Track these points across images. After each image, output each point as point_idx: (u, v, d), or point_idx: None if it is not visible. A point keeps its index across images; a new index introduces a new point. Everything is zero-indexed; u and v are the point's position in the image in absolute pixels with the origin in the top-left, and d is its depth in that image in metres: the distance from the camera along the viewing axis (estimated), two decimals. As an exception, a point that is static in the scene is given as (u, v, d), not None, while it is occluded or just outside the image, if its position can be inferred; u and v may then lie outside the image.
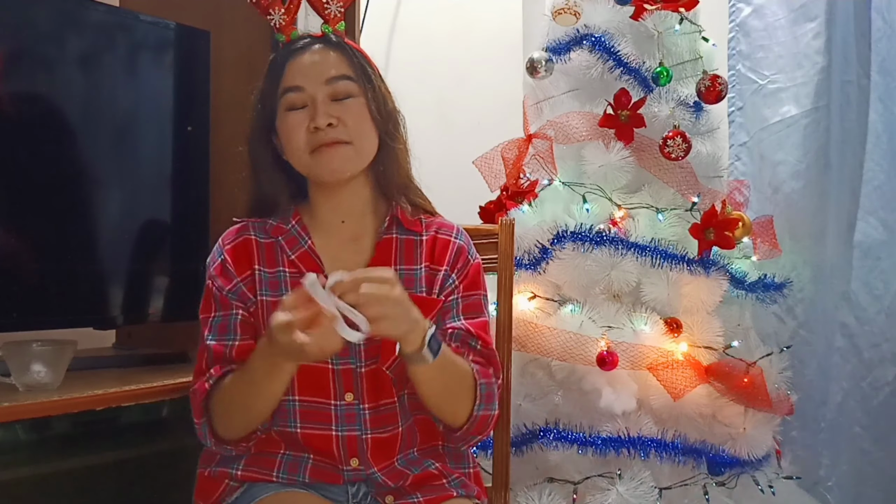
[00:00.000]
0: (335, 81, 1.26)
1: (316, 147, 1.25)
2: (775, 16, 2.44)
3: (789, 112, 2.40)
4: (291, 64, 1.27)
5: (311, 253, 1.29)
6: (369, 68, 1.31)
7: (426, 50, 2.61)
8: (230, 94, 1.76)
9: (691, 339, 1.87)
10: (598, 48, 1.99)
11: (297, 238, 1.30)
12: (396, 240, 1.32)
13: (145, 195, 1.74)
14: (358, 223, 1.32)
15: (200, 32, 1.80)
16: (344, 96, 1.26)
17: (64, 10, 1.58)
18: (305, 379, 1.24)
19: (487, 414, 1.26)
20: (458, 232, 1.36)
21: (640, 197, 1.96)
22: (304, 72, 1.26)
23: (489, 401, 1.25)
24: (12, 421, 1.38)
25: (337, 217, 1.32)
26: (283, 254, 1.29)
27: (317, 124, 1.23)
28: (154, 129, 1.75)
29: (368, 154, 1.29)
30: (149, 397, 1.45)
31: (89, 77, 1.64)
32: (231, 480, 1.27)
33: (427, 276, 1.31)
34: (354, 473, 1.27)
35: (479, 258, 1.37)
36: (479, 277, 1.35)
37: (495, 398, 1.27)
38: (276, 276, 1.28)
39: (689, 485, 1.82)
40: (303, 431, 1.25)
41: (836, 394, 2.25)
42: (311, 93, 1.25)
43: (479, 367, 1.26)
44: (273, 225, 1.32)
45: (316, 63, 1.27)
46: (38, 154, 1.54)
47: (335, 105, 1.25)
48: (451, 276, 1.31)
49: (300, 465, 1.26)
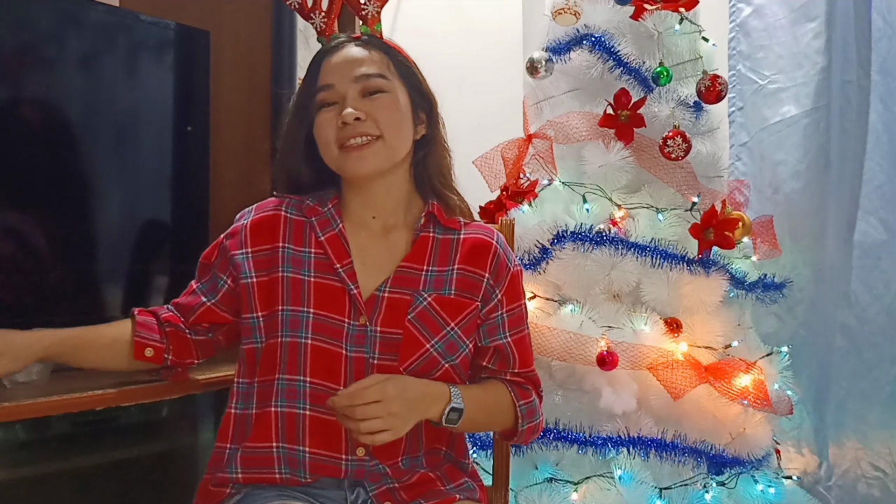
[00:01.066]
0: (365, 79, 1.27)
1: (344, 142, 1.25)
2: (775, 16, 2.44)
3: (789, 112, 2.40)
4: (326, 62, 1.29)
5: (340, 237, 1.29)
6: (408, 66, 1.33)
7: (426, 50, 2.61)
8: (230, 94, 1.76)
9: (691, 339, 1.87)
10: (598, 48, 1.99)
11: (329, 220, 1.31)
12: (433, 238, 1.32)
13: (145, 195, 1.74)
14: (388, 218, 1.33)
15: (200, 32, 1.80)
16: (374, 91, 1.27)
17: (64, 10, 1.59)
18: (317, 362, 1.24)
19: (532, 426, 1.36)
20: (497, 236, 1.36)
21: (640, 197, 1.96)
22: (335, 70, 1.28)
23: (531, 416, 1.35)
24: (12, 421, 1.38)
25: (368, 212, 1.32)
26: (313, 233, 1.30)
27: (344, 119, 1.24)
28: (154, 129, 1.75)
29: (399, 149, 1.29)
30: (149, 397, 1.45)
31: (89, 77, 1.64)
32: (232, 485, 1.26)
33: (460, 279, 1.30)
34: (358, 464, 1.25)
35: (519, 264, 1.39)
36: (519, 286, 1.37)
37: (538, 411, 1.37)
38: (300, 254, 1.29)
39: (689, 485, 1.82)
40: (312, 414, 1.24)
41: (836, 394, 2.25)
42: (342, 90, 1.26)
43: (517, 390, 1.34)
44: (310, 205, 1.32)
45: (347, 61, 1.28)
46: (37, 154, 1.54)
47: (365, 101, 1.26)
48: (495, 289, 1.32)
49: (298, 460, 1.25)
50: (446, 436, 1.34)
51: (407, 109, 1.30)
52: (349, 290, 1.26)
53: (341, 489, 1.27)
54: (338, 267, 1.27)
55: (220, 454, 1.27)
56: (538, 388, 1.39)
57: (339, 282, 1.26)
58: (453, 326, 1.28)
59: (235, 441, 1.27)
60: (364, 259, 1.29)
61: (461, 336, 1.28)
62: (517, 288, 1.36)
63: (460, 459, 1.37)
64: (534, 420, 1.36)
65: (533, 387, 1.37)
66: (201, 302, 1.33)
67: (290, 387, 1.24)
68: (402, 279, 1.28)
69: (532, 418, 1.35)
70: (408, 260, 1.30)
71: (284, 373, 1.25)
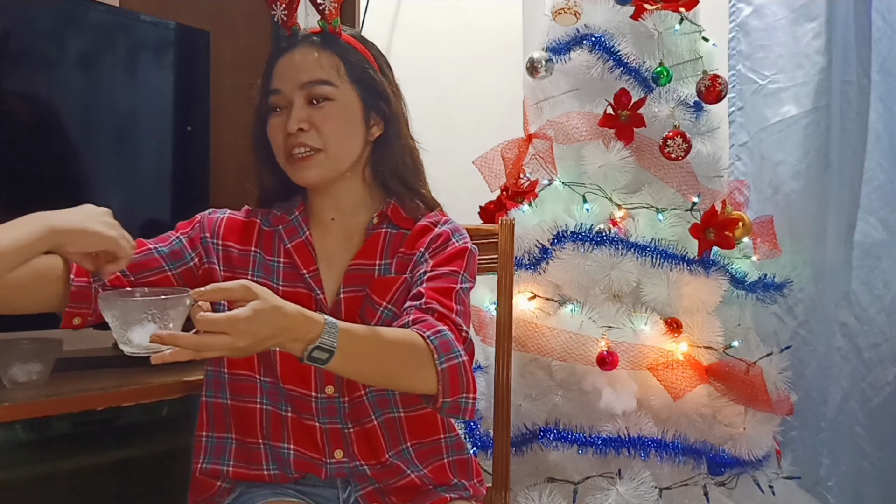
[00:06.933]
0: (312, 86, 1.25)
1: (290, 151, 1.26)
2: (776, 16, 2.44)
3: (789, 112, 2.39)
4: (278, 63, 1.28)
5: (307, 244, 1.30)
6: (367, 64, 1.30)
7: (426, 50, 2.61)
8: (230, 94, 1.76)
9: (691, 339, 1.87)
10: (598, 48, 1.99)
11: (296, 228, 1.31)
12: (385, 234, 1.32)
13: (145, 195, 1.74)
14: (349, 219, 1.33)
15: (200, 32, 1.80)
16: (320, 99, 1.26)
17: (64, 10, 1.59)
18: (287, 368, 1.24)
19: (454, 364, 1.14)
20: (444, 223, 1.33)
21: (640, 197, 1.96)
22: (283, 74, 1.27)
23: (447, 349, 1.14)
24: (12, 421, 1.38)
25: (328, 213, 1.33)
26: (281, 242, 1.30)
27: (288, 129, 1.24)
28: (154, 128, 1.75)
29: (344, 159, 1.28)
30: (149, 397, 1.45)
31: (90, 77, 1.64)
32: (223, 480, 1.27)
33: (399, 262, 1.29)
34: (337, 466, 1.26)
35: (471, 245, 1.31)
36: (459, 258, 1.27)
37: (456, 345, 1.16)
38: (270, 264, 1.29)
39: (689, 485, 1.82)
40: (293, 416, 1.26)
41: (836, 394, 2.25)
42: (289, 96, 1.26)
43: (419, 325, 1.16)
44: (277, 215, 1.33)
45: (296, 65, 1.26)
46: (38, 154, 1.54)
47: (311, 109, 1.25)
48: (425, 255, 1.28)
49: (283, 457, 1.25)
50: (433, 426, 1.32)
51: (356, 115, 1.28)
52: (315, 296, 1.26)
53: (334, 487, 1.28)
54: (304, 273, 1.27)
55: (199, 442, 1.29)
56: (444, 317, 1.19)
57: (307, 288, 1.27)
58: (386, 305, 1.27)
59: (213, 430, 1.28)
60: (329, 263, 1.30)
61: (396, 313, 1.26)
62: (453, 259, 1.27)
63: (459, 450, 1.35)
64: (452, 357, 1.14)
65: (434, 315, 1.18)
66: (161, 267, 1.25)
67: (272, 388, 1.26)
68: (354, 277, 1.28)
69: (448, 353, 1.14)
70: (358, 258, 1.30)
71: (264, 375, 1.26)
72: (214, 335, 0.98)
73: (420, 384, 1.14)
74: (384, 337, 1.13)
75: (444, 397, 1.14)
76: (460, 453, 1.35)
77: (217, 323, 0.98)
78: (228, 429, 1.28)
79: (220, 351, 0.99)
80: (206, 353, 0.99)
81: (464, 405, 1.16)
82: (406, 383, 1.16)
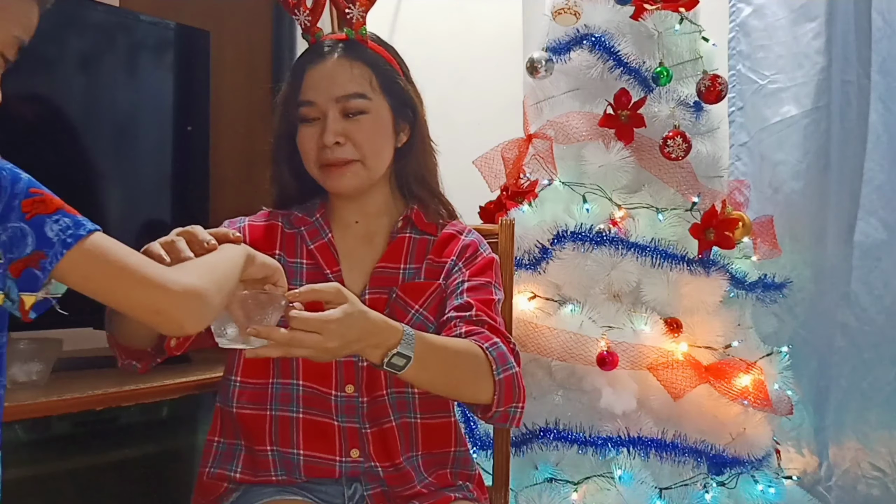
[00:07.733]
0: (347, 99, 1.27)
1: (324, 163, 1.27)
2: (775, 16, 2.43)
3: (789, 112, 2.39)
4: (309, 74, 1.28)
5: (329, 245, 1.31)
6: (392, 75, 1.31)
7: (426, 50, 2.60)
8: (230, 94, 1.76)
9: (691, 339, 1.87)
10: (598, 48, 1.99)
11: (318, 230, 1.33)
12: (409, 239, 1.34)
13: (145, 195, 1.74)
14: (372, 223, 1.35)
15: (200, 32, 1.80)
16: (356, 112, 1.27)
17: (64, 10, 1.58)
18: (310, 365, 1.25)
19: (509, 374, 1.20)
20: (469, 231, 1.37)
21: (640, 197, 1.96)
22: (317, 86, 1.27)
23: (504, 361, 1.20)
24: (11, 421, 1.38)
25: (352, 217, 1.35)
26: (304, 243, 1.31)
27: (324, 142, 1.25)
28: (154, 128, 1.75)
29: (379, 169, 1.31)
30: (149, 397, 1.45)
31: (90, 77, 1.64)
32: (230, 483, 1.27)
33: (428, 269, 1.32)
34: (352, 465, 1.26)
35: (495, 256, 1.37)
36: (489, 269, 1.33)
37: (509, 357, 1.22)
38: (293, 265, 1.30)
39: (689, 485, 1.82)
40: (305, 417, 1.25)
41: (836, 394, 2.25)
42: (323, 108, 1.27)
43: (475, 337, 1.21)
44: (298, 216, 1.34)
45: (330, 77, 1.27)
46: (38, 154, 1.53)
47: (346, 122, 1.27)
48: (458, 264, 1.32)
49: (293, 462, 1.25)
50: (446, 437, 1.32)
51: (388, 125, 1.30)
52: None
53: (339, 485, 1.28)
54: (328, 273, 1.28)
55: (210, 447, 1.30)
56: (499, 332, 1.25)
57: None
58: (418, 309, 1.29)
59: (225, 436, 1.29)
60: (350, 265, 1.31)
61: (427, 317, 1.29)
62: (486, 269, 1.32)
63: (465, 465, 1.36)
64: (508, 368, 1.20)
65: (488, 328, 1.24)
66: None
67: (284, 391, 1.26)
68: (380, 279, 1.30)
69: (504, 364, 1.20)
70: (384, 260, 1.32)
71: (278, 377, 1.26)
72: (307, 333, 1.02)
73: (479, 394, 1.20)
74: (452, 347, 1.18)
75: (497, 406, 1.20)
76: (465, 468, 1.36)
77: (310, 322, 1.02)
78: (237, 436, 1.28)
79: (310, 349, 1.03)
80: (297, 351, 1.03)
81: (513, 414, 1.23)
82: (467, 392, 1.22)
